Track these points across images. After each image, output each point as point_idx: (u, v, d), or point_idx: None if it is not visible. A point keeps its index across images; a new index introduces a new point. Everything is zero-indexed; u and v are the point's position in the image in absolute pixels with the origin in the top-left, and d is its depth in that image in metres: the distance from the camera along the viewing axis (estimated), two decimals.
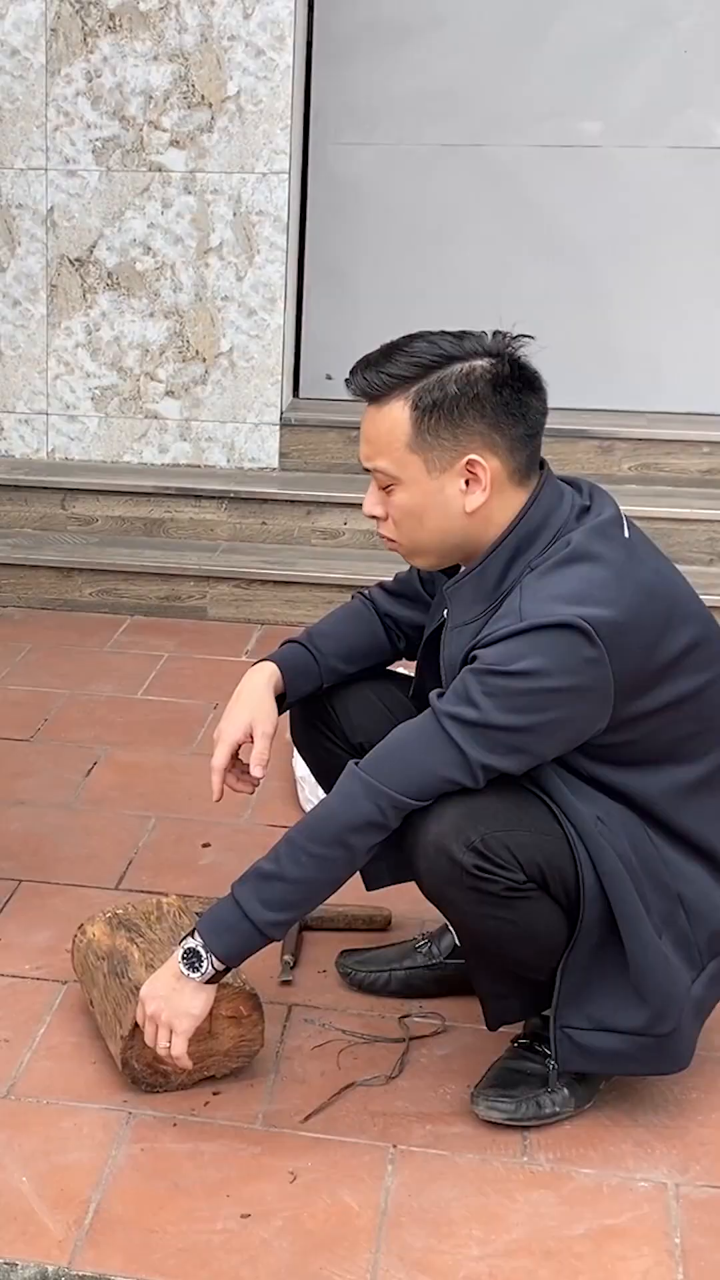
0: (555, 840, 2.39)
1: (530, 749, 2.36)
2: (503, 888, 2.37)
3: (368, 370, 2.42)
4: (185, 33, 5.53)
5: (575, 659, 2.29)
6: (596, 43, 5.68)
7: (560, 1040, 2.47)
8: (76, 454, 6.00)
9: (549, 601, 2.32)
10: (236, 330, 5.76)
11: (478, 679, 2.34)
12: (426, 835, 2.39)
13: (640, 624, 2.35)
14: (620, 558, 2.39)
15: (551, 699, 2.31)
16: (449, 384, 2.37)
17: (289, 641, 2.84)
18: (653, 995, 2.43)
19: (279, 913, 2.45)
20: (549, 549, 2.40)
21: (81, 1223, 2.35)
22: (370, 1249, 2.30)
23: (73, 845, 3.61)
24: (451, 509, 2.42)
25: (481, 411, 2.37)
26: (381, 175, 5.95)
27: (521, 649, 2.30)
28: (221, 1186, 2.43)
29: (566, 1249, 2.32)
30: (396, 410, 2.40)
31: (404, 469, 2.42)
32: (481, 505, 2.41)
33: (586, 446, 5.64)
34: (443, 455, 2.39)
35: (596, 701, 2.34)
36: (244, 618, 5.33)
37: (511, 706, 2.31)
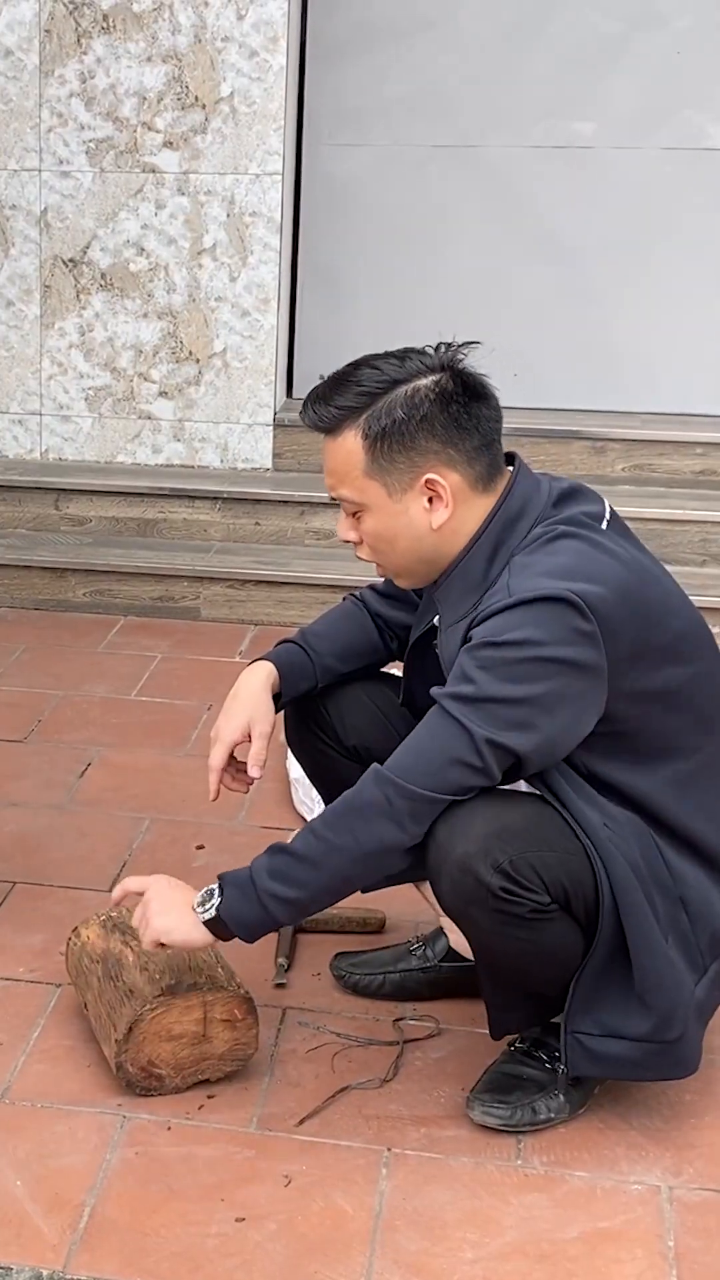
0: (578, 858, 2.38)
1: (534, 724, 2.32)
2: (528, 910, 2.36)
3: (317, 404, 2.45)
4: (179, 34, 5.53)
5: (568, 630, 2.29)
6: (590, 44, 5.69)
7: (571, 1045, 2.46)
8: (70, 454, 6.00)
9: (538, 577, 2.33)
10: (230, 331, 5.76)
11: (471, 655, 2.34)
12: (453, 854, 2.37)
13: (630, 603, 2.35)
14: (606, 541, 2.42)
15: (547, 669, 2.29)
16: (396, 409, 2.39)
17: (283, 641, 2.84)
18: (659, 1003, 2.42)
19: (282, 886, 2.43)
20: (530, 534, 2.41)
21: (76, 1226, 2.35)
22: (364, 1252, 2.31)
23: (66, 847, 3.62)
24: (418, 528, 2.44)
25: (432, 430, 2.39)
26: (375, 176, 5.95)
27: (513, 621, 2.30)
28: (216, 1190, 2.44)
29: (560, 1252, 2.32)
30: (350, 440, 2.42)
31: (366, 495, 2.44)
32: (447, 520, 2.43)
33: (580, 447, 5.64)
34: (401, 478, 2.41)
35: (593, 679, 2.33)
36: (237, 618, 5.34)
37: (508, 676, 2.30)
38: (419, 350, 2.45)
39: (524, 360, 5.81)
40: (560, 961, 2.45)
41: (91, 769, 4.08)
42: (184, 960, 2.69)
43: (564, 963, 2.45)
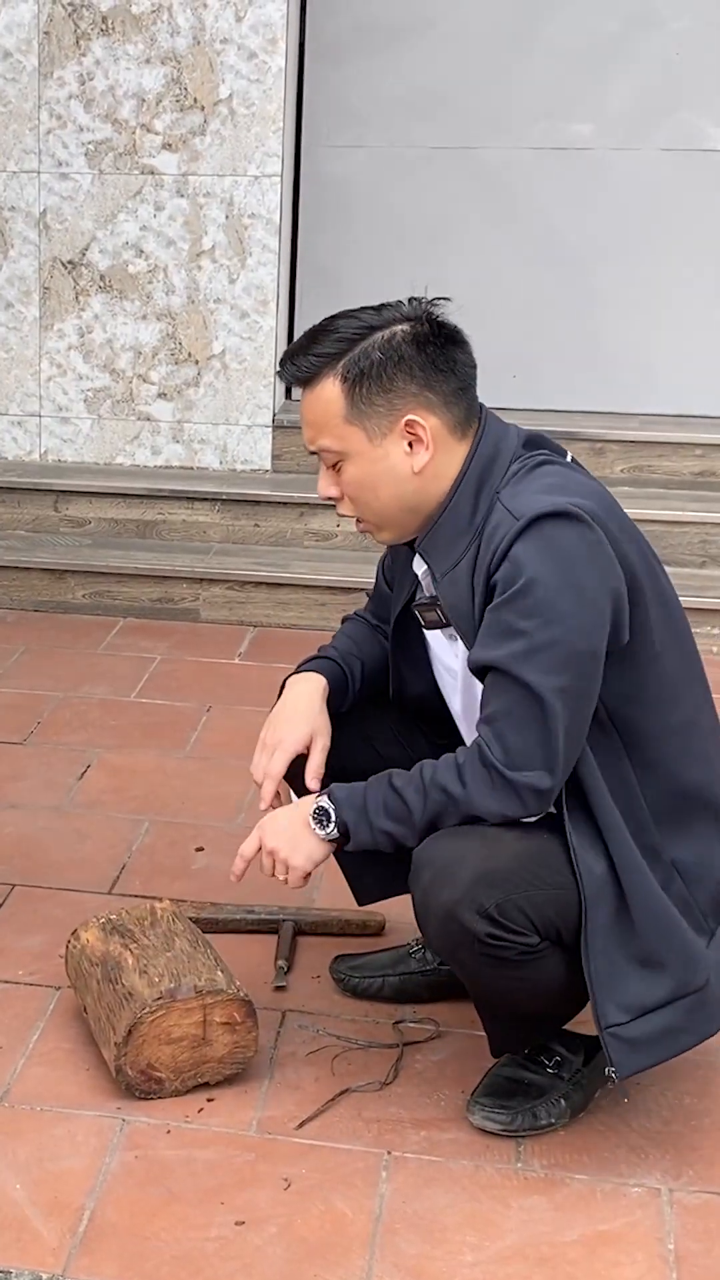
0: (569, 891, 2.37)
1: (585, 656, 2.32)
2: (516, 953, 2.36)
3: (296, 357, 2.47)
4: (178, 35, 5.53)
5: (585, 544, 2.31)
6: (588, 45, 5.69)
7: (610, 1045, 2.38)
8: (69, 456, 6.00)
9: (536, 495, 2.35)
10: (229, 332, 5.77)
11: (509, 607, 2.32)
12: (438, 900, 2.37)
13: (614, 518, 2.39)
14: (576, 470, 2.47)
15: (585, 591, 2.30)
16: (373, 351, 2.41)
17: (318, 657, 2.81)
18: (669, 948, 2.38)
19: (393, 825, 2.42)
20: (509, 470, 2.44)
21: (75, 1230, 2.35)
22: (364, 1256, 2.31)
23: (65, 849, 3.61)
24: (400, 472, 2.45)
25: (410, 372, 2.41)
26: (373, 177, 5.96)
27: (536, 551, 2.30)
28: (215, 1193, 2.43)
29: (560, 1255, 2.32)
30: (328, 387, 2.44)
31: (346, 442, 2.45)
32: (428, 463, 2.45)
33: (579, 448, 5.62)
34: (381, 421, 2.43)
35: (618, 579, 2.33)
36: (237, 620, 5.34)
37: (553, 616, 2.29)
38: (395, 303, 2.49)
39: (522, 362, 5.82)
40: (554, 993, 2.44)
41: (91, 770, 4.08)
42: (184, 963, 2.69)
43: (558, 994, 2.44)
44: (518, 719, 2.33)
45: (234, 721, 4.35)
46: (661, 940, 2.39)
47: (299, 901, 3.30)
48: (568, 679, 2.31)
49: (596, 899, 2.38)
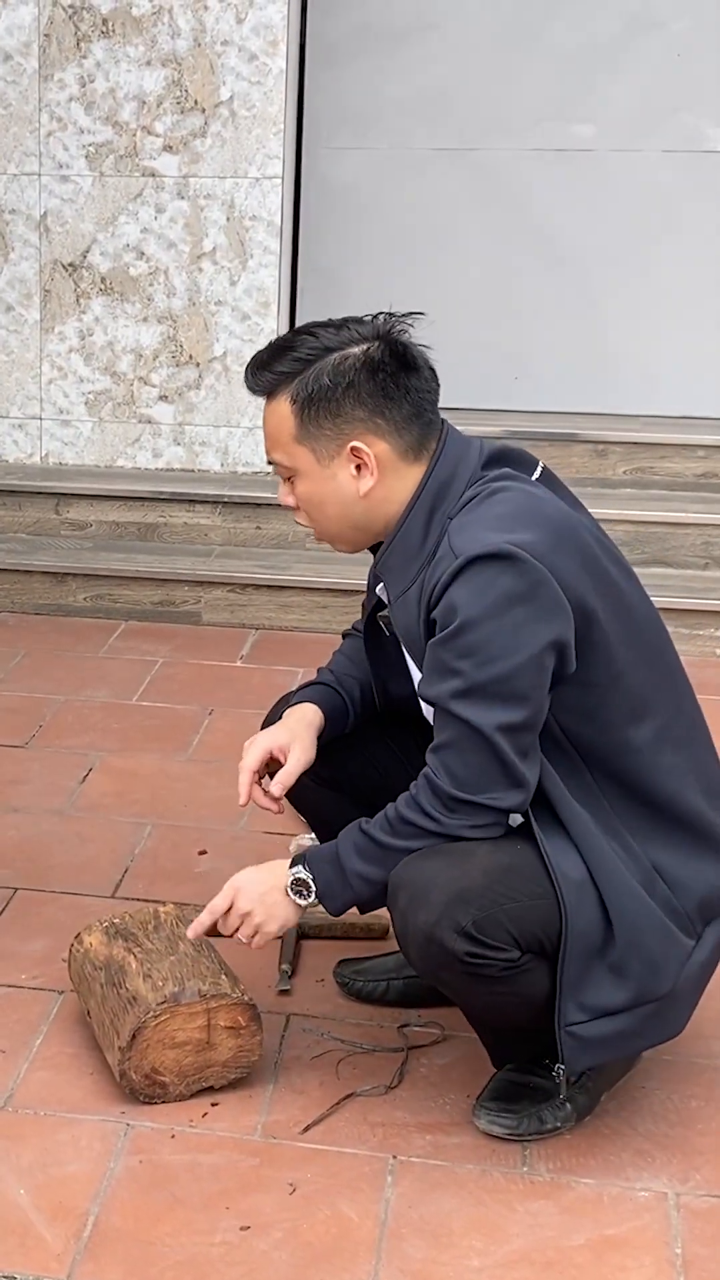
0: (548, 899, 2.37)
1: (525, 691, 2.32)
2: (499, 969, 2.36)
3: (257, 370, 2.48)
4: (178, 37, 5.52)
5: (523, 584, 2.29)
6: (589, 46, 5.68)
7: (564, 1042, 2.42)
8: (70, 459, 5.99)
9: (478, 532, 2.34)
10: (230, 335, 5.76)
11: (447, 646, 2.33)
12: (415, 923, 2.37)
13: (566, 545, 2.36)
14: (535, 490, 2.44)
15: (521, 631, 2.29)
16: (323, 375, 2.41)
17: (319, 683, 2.80)
18: (639, 955, 2.38)
19: (369, 867, 2.44)
20: (463, 496, 2.43)
21: (80, 1235, 2.34)
22: (370, 1261, 2.30)
23: (68, 852, 3.61)
24: (346, 494, 2.46)
25: (359, 398, 2.41)
26: (374, 179, 5.95)
27: (471, 594, 2.30)
28: (220, 1198, 2.42)
29: (567, 1259, 2.31)
30: (282, 406, 2.45)
31: (296, 460, 2.47)
32: (374, 487, 2.45)
33: (581, 450, 5.64)
34: (328, 445, 2.44)
35: (560, 617, 2.32)
36: (238, 622, 5.33)
37: (488, 657, 2.30)
38: (359, 319, 2.48)
39: (524, 363, 5.81)
40: (543, 1004, 2.43)
41: (93, 774, 4.07)
42: (188, 967, 2.68)
43: (547, 1004, 2.43)
44: (462, 751, 2.36)
45: (236, 724, 4.34)
46: (633, 946, 2.39)
47: None
48: (506, 715, 2.32)
49: (576, 905, 2.38)
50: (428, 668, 2.40)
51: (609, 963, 2.40)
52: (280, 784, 2.66)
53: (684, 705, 2.53)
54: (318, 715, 2.73)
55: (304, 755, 2.67)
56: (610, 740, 2.43)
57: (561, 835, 2.40)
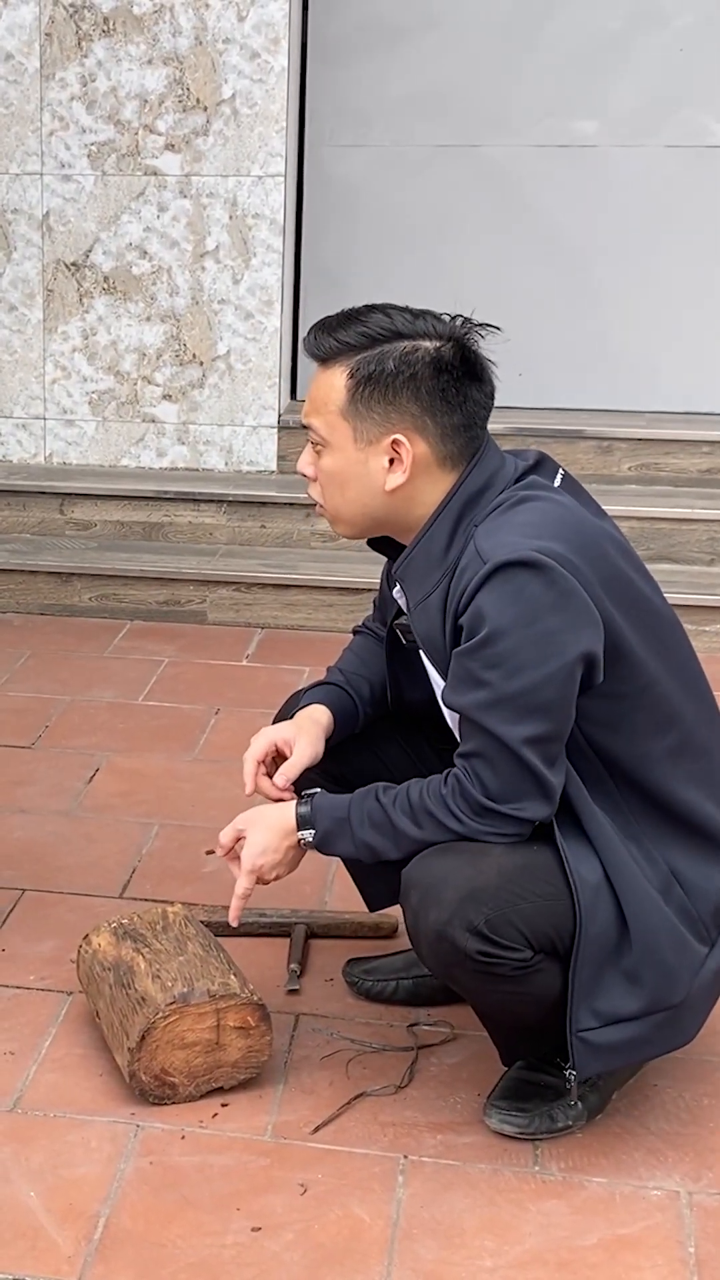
0: (561, 901, 2.36)
1: (552, 702, 2.30)
2: (510, 969, 2.35)
3: (320, 333, 2.44)
4: (179, 36, 5.51)
5: (553, 593, 2.27)
6: (592, 42, 5.67)
7: (575, 1048, 2.41)
8: (74, 458, 5.99)
9: (507, 537, 2.31)
10: (233, 333, 5.75)
11: (474, 656, 2.31)
12: (427, 921, 2.37)
13: (590, 557, 2.33)
14: (560, 498, 2.41)
15: (550, 641, 2.28)
16: (388, 360, 2.38)
17: (329, 683, 2.79)
18: (653, 963, 2.37)
19: (376, 837, 2.45)
20: (493, 504, 2.40)
21: (90, 1237, 2.33)
22: (382, 1261, 2.29)
23: (75, 853, 3.60)
24: (372, 484, 2.43)
25: (416, 393, 2.38)
26: (377, 177, 5.94)
27: (499, 602, 2.28)
28: (231, 1199, 2.41)
29: (579, 1259, 2.30)
30: (337, 375, 2.41)
31: (333, 433, 2.43)
32: (401, 485, 2.42)
33: (586, 447, 5.63)
34: (371, 429, 2.40)
35: (589, 627, 2.30)
36: (244, 621, 5.32)
37: (516, 668, 2.28)
38: (436, 314, 2.44)
39: (528, 360, 5.79)
40: (554, 1004, 2.42)
41: (99, 774, 4.06)
42: (196, 967, 2.67)
43: (558, 1004, 2.42)
44: (491, 761, 2.34)
45: (243, 724, 4.33)
46: (648, 954, 2.38)
47: (311, 905, 3.29)
48: (533, 728, 2.30)
49: (592, 909, 2.37)
50: (454, 676, 2.37)
51: (623, 969, 2.39)
52: (284, 776, 2.64)
53: (703, 712, 2.51)
54: (326, 715, 2.71)
55: (310, 749, 2.65)
56: (635, 750, 2.42)
57: (581, 839, 2.39)
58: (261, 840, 2.56)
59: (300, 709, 2.73)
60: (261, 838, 2.56)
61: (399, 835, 2.43)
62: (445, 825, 2.39)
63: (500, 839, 2.38)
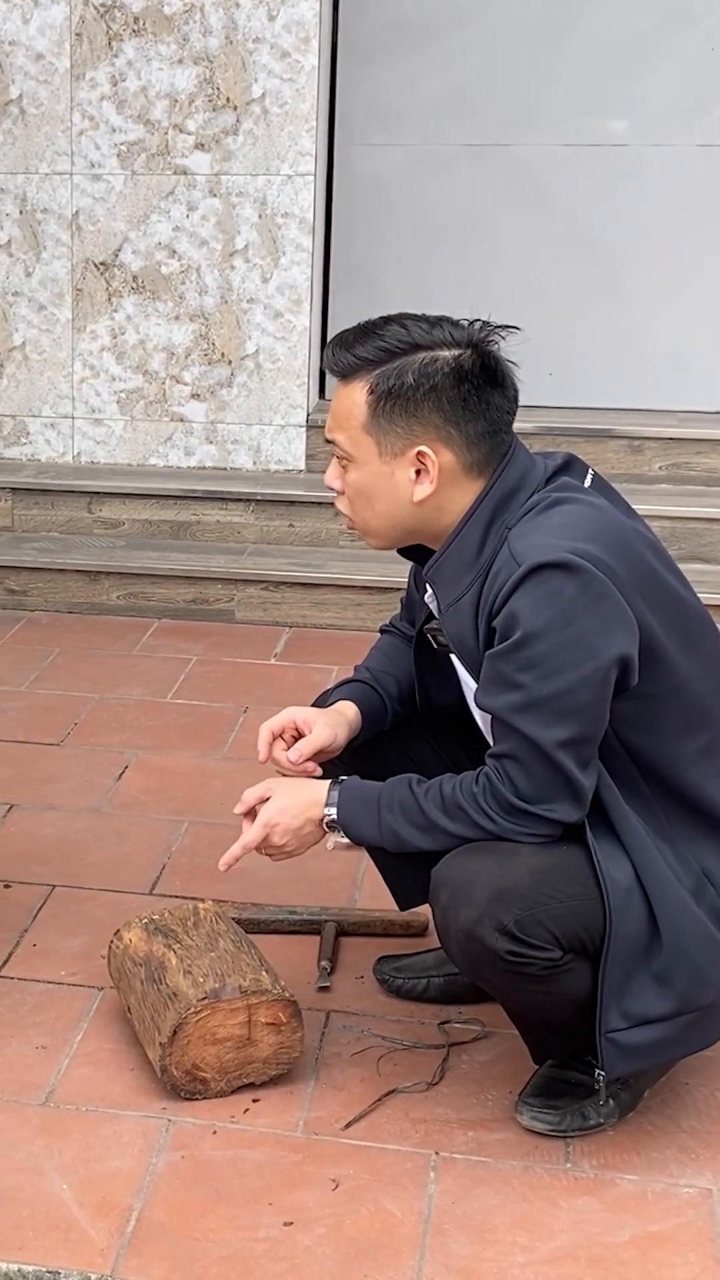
0: (590, 901, 2.35)
1: (586, 705, 2.30)
2: (540, 968, 2.35)
3: (339, 349, 2.43)
4: (210, 35, 5.52)
5: (588, 595, 2.27)
6: (622, 41, 5.67)
7: (604, 1048, 2.41)
8: (102, 457, 6.00)
9: (542, 539, 2.31)
10: (262, 332, 5.75)
11: (507, 658, 2.31)
12: (457, 920, 2.36)
13: (625, 559, 2.33)
14: (593, 499, 2.40)
15: (585, 644, 2.27)
16: (408, 373, 2.37)
17: (357, 681, 2.78)
18: (684, 965, 2.37)
19: (405, 826, 2.45)
20: (526, 505, 2.39)
21: (123, 1230, 2.34)
22: (414, 1257, 2.29)
23: (105, 850, 3.60)
24: (400, 495, 2.42)
25: (438, 404, 2.37)
26: (407, 176, 5.94)
27: (534, 604, 2.27)
28: (263, 1194, 2.42)
29: (612, 1256, 2.29)
30: (358, 391, 2.40)
31: (357, 448, 2.42)
32: (430, 496, 2.41)
33: (616, 446, 5.62)
34: (395, 442, 2.39)
35: (624, 630, 2.30)
36: (272, 620, 5.32)
37: (549, 670, 2.28)
38: (454, 321, 2.42)
39: (559, 359, 5.79)
40: (584, 1003, 2.41)
41: (129, 772, 4.07)
42: (228, 963, 2.67)
43: (588, 1004, 2.41)
44: (523, 763, 2.34)
45: None
46: (679, 955, 2.37)
47: (341, 902, 3.29)
48: (567, 730, 2.30)
49: (623, 910, 2.36)
50: (486, 679, 2.37)
51: (653, 971, 2.38)
52: (299, 751, 2.63)
53: None
54: (354, 710, 2.72)
55: (328, 731, 2.65)
56: (667, 751, 2.42)
57: (613, 840, 2.38)
58: (285, 802, 2.56)
59: (329, 705, 2.74)
60: (286, 800, 2.56)
61: (429, 824, 2.43)
62: (476, 822, 2.39)
63: (531, 837, 2.37)
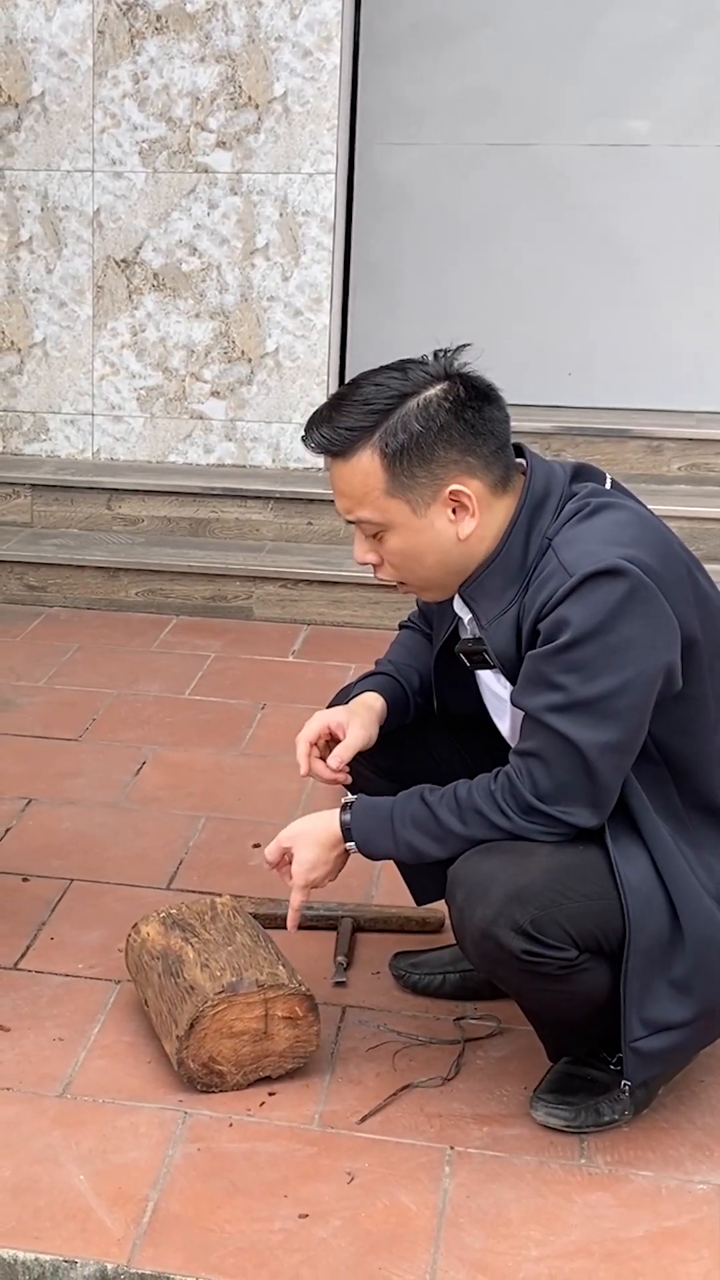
0: (606, 900, 2.36)
1: (627, 710, 2.30)
2: (556, 968, 2.36)
3: (323, 427, 2.38)
4: (232, 34, 5.54)
5: (634, 602, 2.27)
6: (644, 41, 5.67)
7: (628, 1057, 2.42)
8: (122, 454, 6.02)
9: (592, 546, 2.30)
10: (282, 330, 5.77)
11: (552, 659, 2.30)
12: (473, 920, 2.37)
13: (669, 563, 2.34)
14: (635, 506, 2.41)
15: (631, 650, 2.27)
16: (411, 423, 2.33)
17: (380, 674, 2.78)
18: (706, 973, 2.37)
19: (420, 837, 2.46)
20: (562, 510, 2.39)
21: (140, 1221, 2.35)
22: (429, 1250, 2.30)
23: (122, 845, 3.62)
24: (445, 541, 2.40)
25: (450, 440, 2.34)
26: (427, 175, 5.95)
27: (582, 610, 2.27)
28: (279, 1186, 2.43)
29: (626, 1251, 2.30)
30: (365, 461, 2.35)
31: (389, 515, 2.38)
32: (475, 529, 2.39)
33: (635, 446, 5.62)
34: (424, 493, 2.36)
35: (670, 636, 2.30)
36: (290, 618, 5.33)
37: (595, 673, 2.28)
38: (416, 360, 2.40)
39: (578, 359, 5.80)
40: (600, 1002, 2.42)
41: (146, 767, 4.08)
42: (245, 957, 2.69)
43: (604, 1003, 2.42)
44: (547, 763, 2.34)
45: (288, 719, 4.35)
46: (701, 965, 2.38)
47: (358, 898, 3.30)
48: (604, 734, 2.30)
49: (641, 918, 2.37)
50: (525, 678, 2.37)
51: (672, 978, 2.39)
52: (338, 758, 2.64)
53: None
54: (380, 701, 2.72)
55: (362, 733, 2.65)
56: (699, 751, 2.43)
57: (635, 845, 2.38)
58: (310, 856, 2.59)
59: (353, 698, 2.74)
60: (310, 854, 2.59)
61: (445, 832, 2.43)
62: (492, 822, 2.39)
63: (547, 836, 2.38)
